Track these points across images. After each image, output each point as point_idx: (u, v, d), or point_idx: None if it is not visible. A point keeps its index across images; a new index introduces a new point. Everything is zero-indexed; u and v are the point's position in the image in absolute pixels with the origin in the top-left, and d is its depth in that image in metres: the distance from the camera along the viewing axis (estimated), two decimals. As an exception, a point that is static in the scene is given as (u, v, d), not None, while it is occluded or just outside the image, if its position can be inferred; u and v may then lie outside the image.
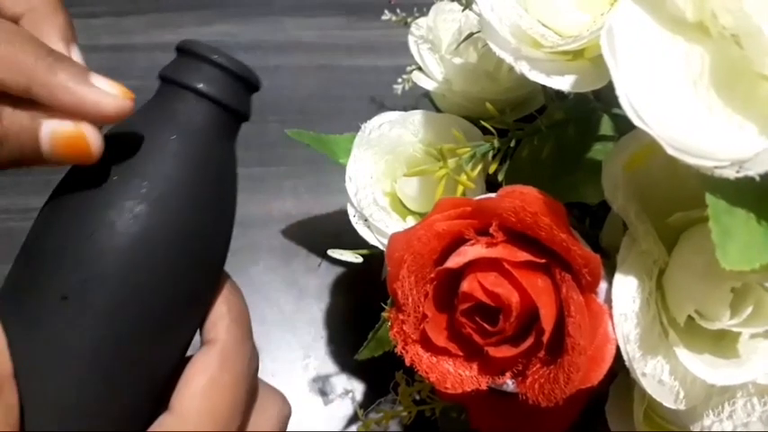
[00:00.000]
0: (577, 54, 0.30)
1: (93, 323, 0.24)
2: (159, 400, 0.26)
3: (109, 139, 0.25)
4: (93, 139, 0.24)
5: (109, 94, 0.24)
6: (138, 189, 0.24)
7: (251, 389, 0.28)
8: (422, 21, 0.46)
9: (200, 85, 0.26)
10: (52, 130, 0.24)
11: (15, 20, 0.26)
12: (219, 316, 0.28)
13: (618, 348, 0.27)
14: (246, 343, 0.28)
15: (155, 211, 0.25)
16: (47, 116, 0.24)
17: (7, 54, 0.23)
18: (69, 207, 0.25)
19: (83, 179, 0.25)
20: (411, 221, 0.41)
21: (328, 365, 0.50)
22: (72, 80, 0.24)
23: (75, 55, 0.28)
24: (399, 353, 0.30)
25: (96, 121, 0.24)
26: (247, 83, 0.27)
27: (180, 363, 0.27)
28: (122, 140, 0.25)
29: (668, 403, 0.27)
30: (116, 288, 0.24)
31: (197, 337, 0.28)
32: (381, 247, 0.41)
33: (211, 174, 0.26)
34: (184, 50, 0.26)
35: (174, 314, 0.26)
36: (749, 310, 0.26)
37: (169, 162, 0.25)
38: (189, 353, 0.28)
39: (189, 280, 0.26)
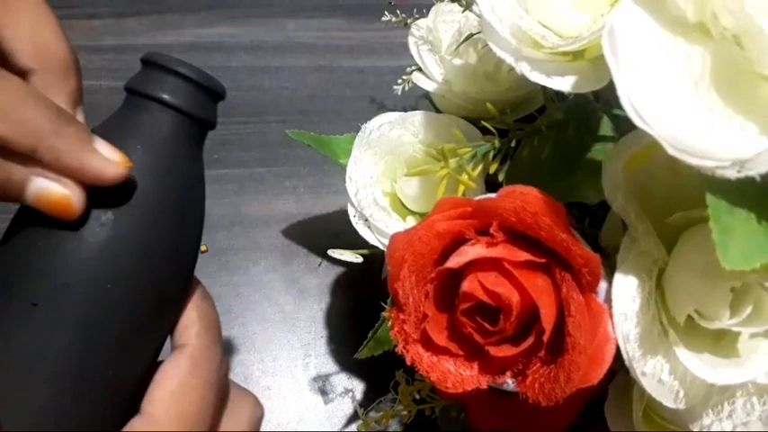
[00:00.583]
0: (578, 55, 0.30)
1: (64, 329, 0.25)
2: (130, 404, 0.26)
3: None
4: (78, 202, 0.24)
5: (110, 162, 0.25)
6: (105, 199, 0.25)
7: (220, 392, 0.29)
8: (422, 22, 0.46)
9: (164, 96, 0.26)
10: (41, 189, 0.24)
11: (26, 74, 0.26)
12: (190, 321, 0.28)
13: (618, 348, 0.27)
14: (215, 348, 0.29)
15: (121, 221, 0.25)
16: (38, 172, 0.24)
17: (18, 115, 0.23)
18: (38, 216, 0.25)
19: None
20: (411, 221, 0.41)
21: (329, 364, 0.50)
22: (78, 146, 0.24)
23: (80, 117, 0.28)
24: (400, 352, 0.30)
25: (92, 184, 0.25)
26: (211, 92, 0.28)
27: (151, 367, 0.27)
28: None
29: (668, 402, 0.27)
30: (85, 295, 0.25)
31: (168, 343, 0.29)
32: (381, 247, 0.41)
33: (177, 182, 0.27)
34: (148, 62, 0.27)
35: (142, 320, 0.27)
36: (749, 309, 0.26)
37: (136, 172, 0.26)
38: (161, 357, 0.28)
39: (156, 287, 0.27)
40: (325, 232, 0.56)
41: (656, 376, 0.27)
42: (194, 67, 0.27)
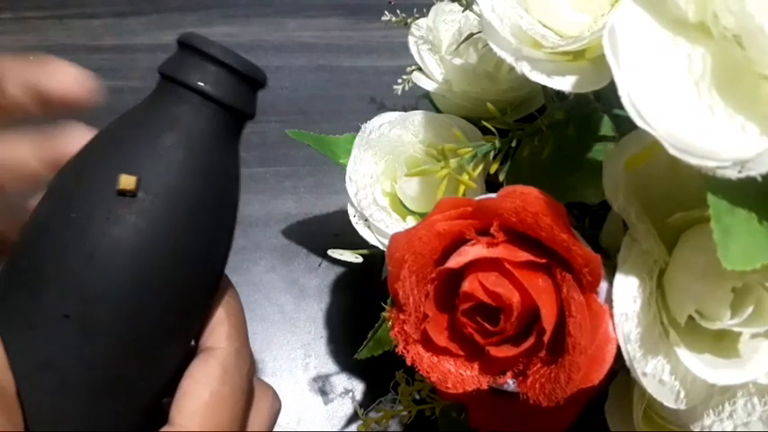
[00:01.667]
0: (578, 54, 0.30)
1: (98, 340, 0.23)
2: (156, 407, 0.26)
3: (106, 142, 0.25)
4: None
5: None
6: (141, 202, 0.24)
7: (249, 395, 0.28)
8: (422, 21, 0.46)
9: (207, 87, 0.24)
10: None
11: None
12: (218, 321, 0.27)
13: (618, 348, 0.27)
14: (245, 350, 0.28)
15: (156, 225, 0.24)
16: None
17: None
18: (66, 218, 0.24)
19: (79, 185, 0.24)
20: (411, 222, 0.41)
21: (328, 365, 0.50)
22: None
23: None
24: (400, 353, 0.30)
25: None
26: (254, 82, 0.26)
27: (179, 369, 0.27)
28: (120, 145, 0.25)
29: (669, 403, 0.27)
30: (119, 305, 0.24)
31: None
32: (381, 247, 0.41)
33: (215, 182, 0.25)
34: (188, 46, 0.25)
35: (176, 324, 0.26)
36: (750, 309, 0.26)
37: (172, 172, 0.24)
38: None
39: (191, 291, 0.26)
40: (325, 232, 0.56)
41: (657, 376, 0.27)
42: (238, 55, 0.25)
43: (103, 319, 0.23)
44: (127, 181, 0.23)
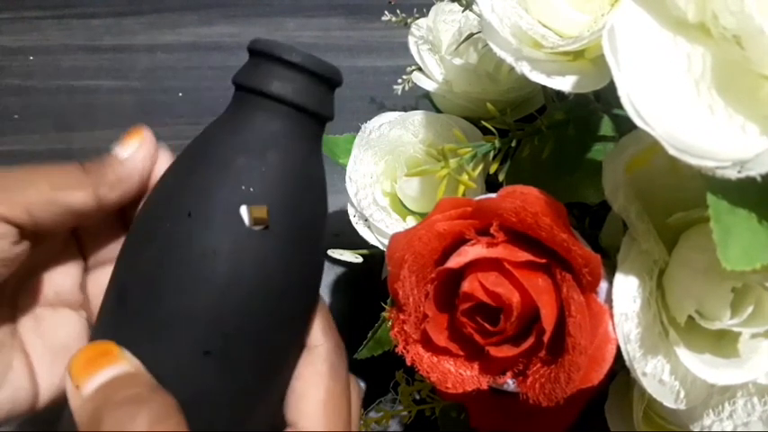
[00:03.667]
0: (578, 55, 0.30)
1: (236, 375, 0.23)
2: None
3: (209, 169, 0.23)
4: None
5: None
6: (267, 230, 0.23)
7: (350, 386, 0.28)
8: (422, 21, 0.46)
9: (298, 98, 0.24)
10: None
11: None
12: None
13: (618, 348, 0.27)
14: (341, 344, 0.28)
15: (281, 248, 0.23)
16: None
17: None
18: (191, 247, 0.23)
19: (197, 221, 0.23)
20: (411, 222, 0.41)
21: (328, 365, 0.50)
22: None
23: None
24: (400, 353, 0.30)
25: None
26: (333, 83, 0.25)
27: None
28: (229, 172, 0.23)
29: (669, 403, 0.27)
30: (259, 336, 0.23)
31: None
32: (381, 247, 0.41)
33: (316, 191, 0.25)
34: (268, 54, 0.24)
35: (300, 333, 0.26)
36: (750, 309, 0.26)
37: (285, 192, 0.23)
38: None
39: (309, 300, 0.26)
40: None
41: (657, 376, 0.27)
42: (317, 58, 0.24)
43: (244, 353, 0.23)
44: (259, 212, 0.23)
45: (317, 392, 0.26)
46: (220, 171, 0.23)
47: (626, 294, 0.27)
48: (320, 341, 0.27)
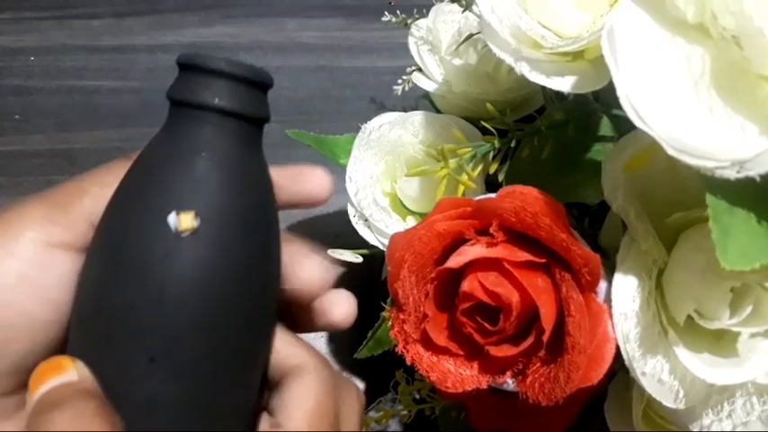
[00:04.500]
0: (577, 55, 0.30)
1: (183, 379, 0.23)
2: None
3: (141, 182, 0.24)
4: None
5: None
6: (198, 232, 0.23)
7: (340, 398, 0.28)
8: (422, 22, 0.46)
9: (222, 103, 0.24)
10: None
11: None
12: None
13: (617, 348, 0.27)
14: (328, 361, 0.28)
15: (216, 249, 0.24)
16: None
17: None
18: (128, 259, 0.23)
19: (128, 226, 0.24)
20: (411, 222, 0.41)
21: (328, 365, 0.50)
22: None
23: None
24: (400, 352, 0.31)
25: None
26: (262, 85, 0.26)
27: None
28: (159, 181, 0.24)
29: (668, 402, 0.27)
30: (200, 339, 0.23)
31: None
32: (381, 247, 0.41)
33: (255, 192, 0.25)
34: (191, 66, 0.24)
35: (256, 337, 0.26)
36: (749, 309, 0.26)
37: (216, 195, 0.24)
38: None
39: (262, 302, 0.26)
40: (325, 232, 0.56)
41: (656, 376, 0.27)
42: (242, 63, 0.25)
43: (188, 356, 0.23)
44: (186, 218, 0.23)
45: (305, 401, 0.26)
46: (151, 181, 0.24)
47: (625, 294, 0.27)
48: (304, 357, 0.27)
